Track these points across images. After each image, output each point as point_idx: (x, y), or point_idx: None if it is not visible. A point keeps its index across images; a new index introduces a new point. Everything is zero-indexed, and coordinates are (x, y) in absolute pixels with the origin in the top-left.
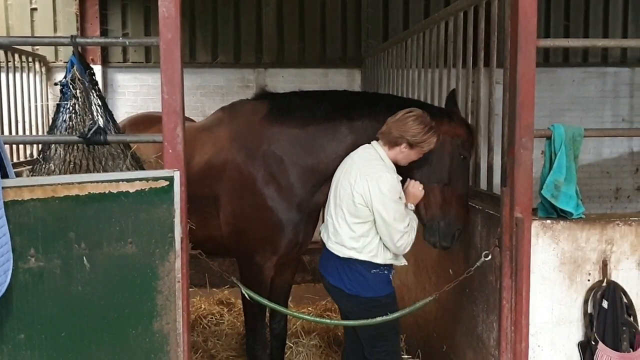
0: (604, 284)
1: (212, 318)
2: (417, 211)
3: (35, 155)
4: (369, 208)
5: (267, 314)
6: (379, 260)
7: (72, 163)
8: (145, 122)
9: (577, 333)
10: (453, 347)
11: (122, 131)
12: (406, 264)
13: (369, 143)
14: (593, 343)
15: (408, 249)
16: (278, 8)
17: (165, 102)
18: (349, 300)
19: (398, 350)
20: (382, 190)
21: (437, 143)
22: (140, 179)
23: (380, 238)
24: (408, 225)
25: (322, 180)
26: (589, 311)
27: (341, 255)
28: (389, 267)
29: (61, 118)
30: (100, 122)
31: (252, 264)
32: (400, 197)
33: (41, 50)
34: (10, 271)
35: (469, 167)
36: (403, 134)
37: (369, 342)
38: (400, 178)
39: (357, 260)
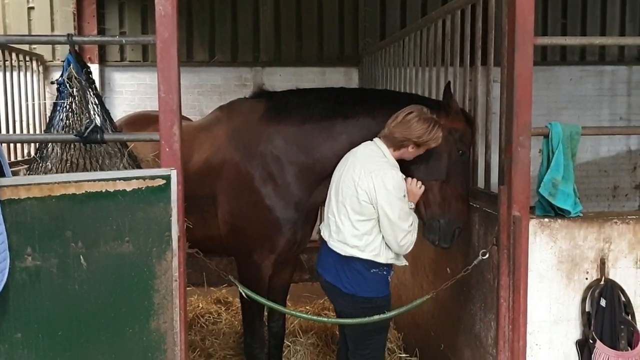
0: (602, 283)
1: (209, 317)
2: (417, 209)
3: (32, 154)
4: (373, 205)
5: (265, 313)
6: (381, 259)
7: (69, 162)
8: (143, 121)
9: (575, 331)
10: (451, 346)
11: (119, 130)
12: (407, 264)
13: (369, 140)
14: (591, 342)
15: (410, 248)
16: (275, 6)
17: (162, 100)
18: (345, 299)
19: (381, 355)
20: (388, 187)
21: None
22: (137, 178)
23: (383, 237)
24: (412, 224)
25: (319, 179)
26: (586, 310)
27: (343, 254)
28: (389, 267)
29: (58, 117)
30: (97, 120)
31: (250, 263)
32: (404, 195)
33: (38, 49)
34: (7, 270)
35: (468, 163)
36: (408, 136)
37: (355, 342)
38: (404, 176)
39: (358, 259)
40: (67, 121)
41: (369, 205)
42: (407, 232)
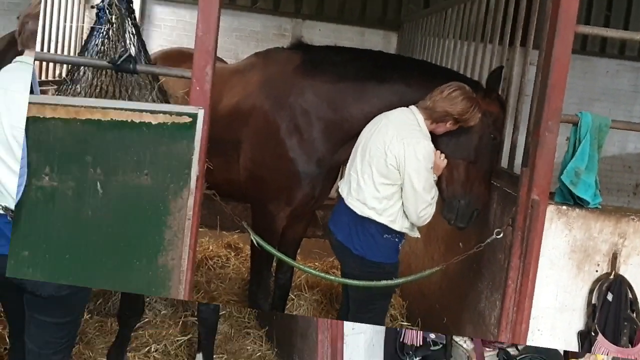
0: (612, 277)
1: (218, 260)
2: (438, 184)
3: (63, 75)
4: (400, 172)
5: (274, 264)
6: (396, 226)
7: (98, 87)
8: (179, 58)
9: (578, 322)
10: (454, 320)
11: (152, 63)
12: (419, 236)
13: (404, 107)
14: (593, 334)
15: (427, 221)
16: None
17: (198, 39)
18: (354, 260)
19: (382, 321)
20: (418, 156)
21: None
22: (164, 112)
23: (403, 204)
24: (433, 197)
25: (346, 138)
26: (593, 302)
27: (359, 213)
28: (402, 235)
29: (93, 42)
30: (132, 50)
31: (265, 212)
32: (431, 167)
33: None
34: (23, 186)
35: (498, 147)
36: (451, 112)
37: (357, 305)
38: (434, 148)
39: (373, 221)
40: (102, 47)
41: (396, 171)
42: (429, 204)
